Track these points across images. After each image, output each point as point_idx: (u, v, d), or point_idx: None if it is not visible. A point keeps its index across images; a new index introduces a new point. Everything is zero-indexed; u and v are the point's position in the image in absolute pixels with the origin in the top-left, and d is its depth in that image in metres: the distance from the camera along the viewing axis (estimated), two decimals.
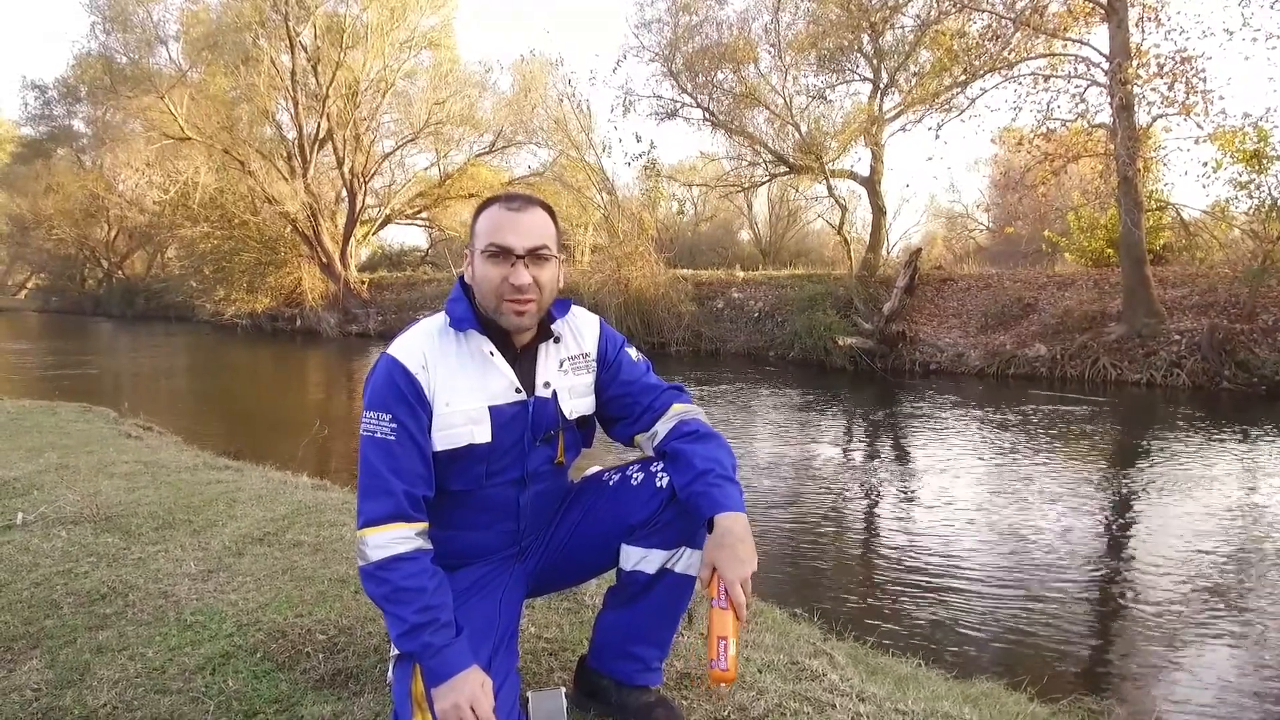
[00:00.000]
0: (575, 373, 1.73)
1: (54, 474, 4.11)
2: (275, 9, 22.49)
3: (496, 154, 27.21)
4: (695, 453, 1.63)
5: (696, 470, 1.60)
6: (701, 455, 1.62)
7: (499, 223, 1.58)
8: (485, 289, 1.59)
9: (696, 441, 1.66)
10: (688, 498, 1.60)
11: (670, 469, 1.67)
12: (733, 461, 1.65)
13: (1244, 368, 11.28)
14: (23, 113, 37.64)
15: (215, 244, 25.11)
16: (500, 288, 1.57)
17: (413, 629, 1.48)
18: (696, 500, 1.58)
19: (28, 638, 2.17)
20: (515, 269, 1.56)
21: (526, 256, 1.57)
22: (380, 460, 1.55)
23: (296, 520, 3.25)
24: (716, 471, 1.59)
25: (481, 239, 1.59)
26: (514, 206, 1.60)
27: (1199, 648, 3.76)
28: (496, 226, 1.58)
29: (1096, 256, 16.61)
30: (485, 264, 1.58)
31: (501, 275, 1.56)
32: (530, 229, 1.59)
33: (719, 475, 1.58)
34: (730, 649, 1.44)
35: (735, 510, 1.53)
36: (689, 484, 1.60)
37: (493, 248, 1.57)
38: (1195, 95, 11.95)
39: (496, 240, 1.57)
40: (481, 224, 1.61)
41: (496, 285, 1.57)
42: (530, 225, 1.59)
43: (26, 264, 45.72)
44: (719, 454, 1.64)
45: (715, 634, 1.45)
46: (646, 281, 17.38)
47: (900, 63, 17.16)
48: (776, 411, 10.70)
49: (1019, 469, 7.19)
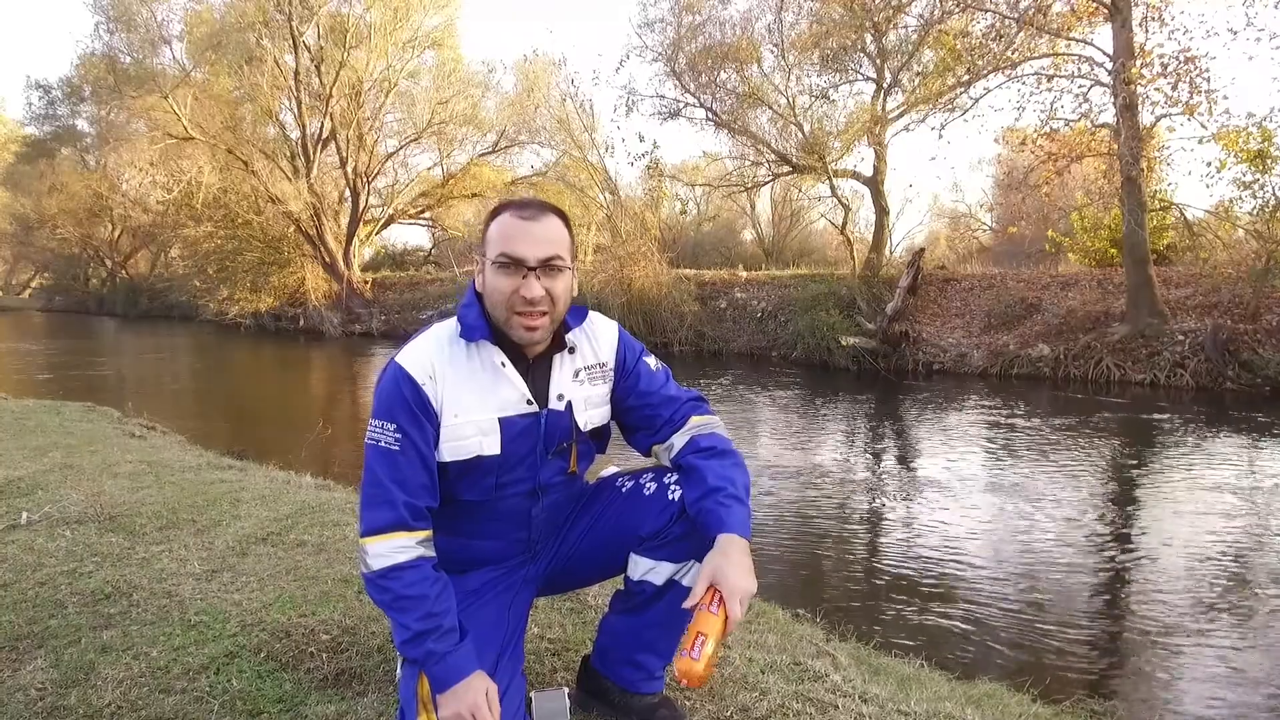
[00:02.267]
0: (591, 383, 1.69)
1: (58, 473, 4.12)
2: (279, 9, 22.50)
3: (499, 154, 27.21)
4: (709, 469, 1.61)
5: (708, 487, 1.58)
6: (715, 473, 1.60)
7: (510, 231, 1.53)
8: (495, 300, 1.55)
9: (712, 458, 1.64)
10: (696, 513, 1.59)
11: (683, 482, 1.65)
12: (745, 480, 1.62)
13: (1248, 368, 11.25)
14: (27, 112, 37.86)
15: (219, 243, 25.12)
16: (511, 300, 1.53)
17: (416, 636, 1.48)
18: (704, 517, 1.56)
19: (32, 637, 2.18)
20: (527, 281, 1.51)
21: (539, 268, 1.52)
22: (384, 470, 1.54)
23: (300, 520, 3.26)
24: (727, 490, 1.57)
25: (493, 248, 1.54)
26: (526, 215, 1.55)
27: (1203, 649, 3.75)
28: (508, 235, 1.53)
29: (1100, 256, 16.58)
30: (496, 274, 1.53)
31: (513, 287, 1.52)
32: (543, 238, 1.53)
33: (729, 494, 1.56)
34: (708, 647, 1.37)
35: (739, 533, 1.51)
36: (699, 500, 1.59)
37: (504, 258, 1.52)
38: (1199, 95, 11.91)
39: (508, 250, 1.52)
40: (493, 231, 1.56)
41: (507, 297, 1.53)
42: (543, 234, 1.54)
43: (31, 263, 45.86)
44: (732, 472, 1.61)
45: (696, 629, 1.39)
46: (649, 281, 17.36)
47: (904, 62, 17.14)
48: (779, 412, 10.69)
49: (1022, 470, 7.18)
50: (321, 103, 24.15)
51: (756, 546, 5.09)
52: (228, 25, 23.67)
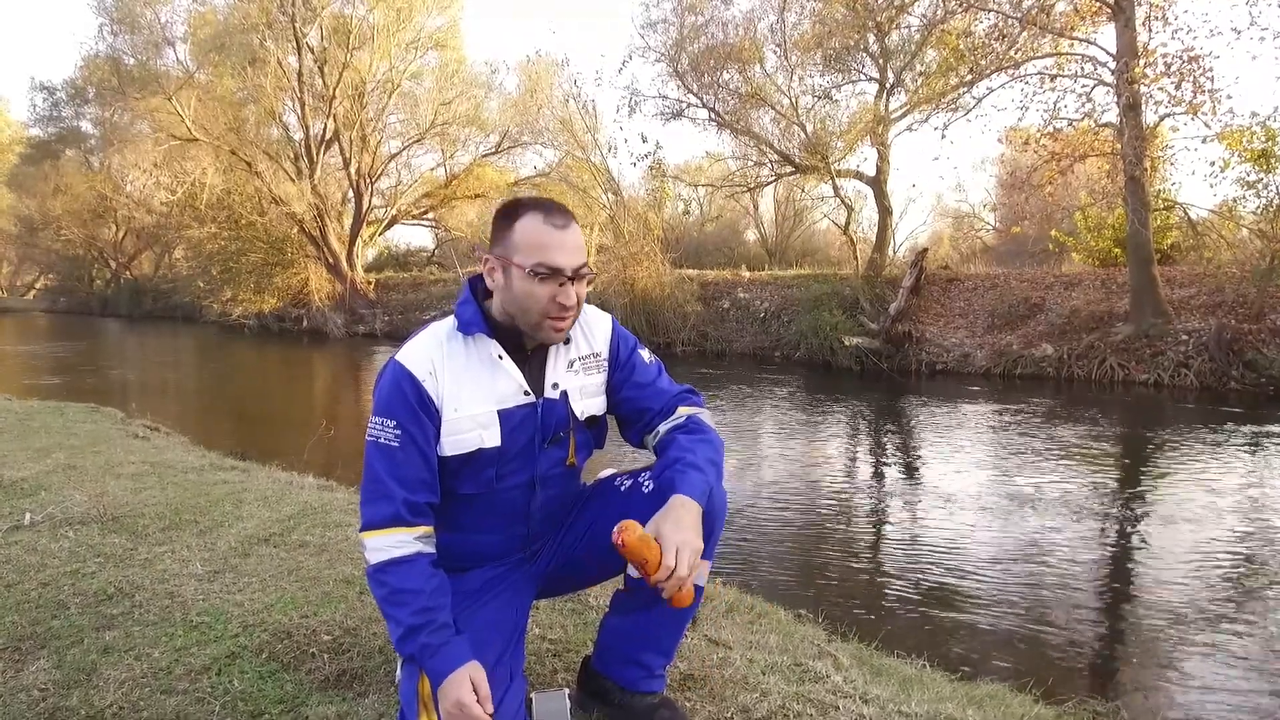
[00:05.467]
0: (586, 372, 1.73)
1: (61, 474, 4.13)
2: (282, 10, 22.56)
3: (502, 154, 27.28)
4: (676, 443, 1.67)
5: (670, 458, 1.63)
6: (680, 445, 1.65)
7: (546, 241, 1.54)
8: (529, 306, 1.56)
9: (682, 433, 1.70)
10: (660, 484, 1.62)
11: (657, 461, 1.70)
12: (710, 454, 1.64)
13: (1252, 367, 11.22)
14: (31, 114, 38.10)
15: (222, 244, 25.16)
16: (548, 307, 1.55)
17: (410, 630, 1.50)
18: (664, 485, 1.59)
19: (35, 638, 2.18)
20: (564, 289, 1.55)
21: (573, 275, 1.56)
22: (383, 466, 1.56)
23: (302, 521, 3.26)
24: (686, 459, 1.60)
25: (527, 256, 1.54)
26: (559, 223, 1.56)
27: (1206, 650, 3.74)
28: (543, 245, 1.54)
29: (1103, 256, 16.54)
30: (531, 283, 1.54)
31: (550, 295, 1.54)
32: (575, 246, 1.57)
33: (686, 463, 1.59)
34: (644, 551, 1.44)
35: (690, 496, 1.52)
36: (661, 471, 1.64)
37: (543, 269, 1.53)
38: (1203, 94, 11.88)
39: (547, 261, 1.53)
40: (524, 239, 1.55)
41: (544, 305, 1.55)
42: (575, 243, 1.57)
43: (35, 264, 45.95)
44: (697, 445, 1.65)
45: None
46: (652, 282, 17.36)
47: (906, 62, 17.13)
48: (782, 412, 10.68)
49: (1025, 470, 7.17)
50: (325, 104, 24.21)
51: (756, 545, 5.09)
52: (231, 26, 23.74)
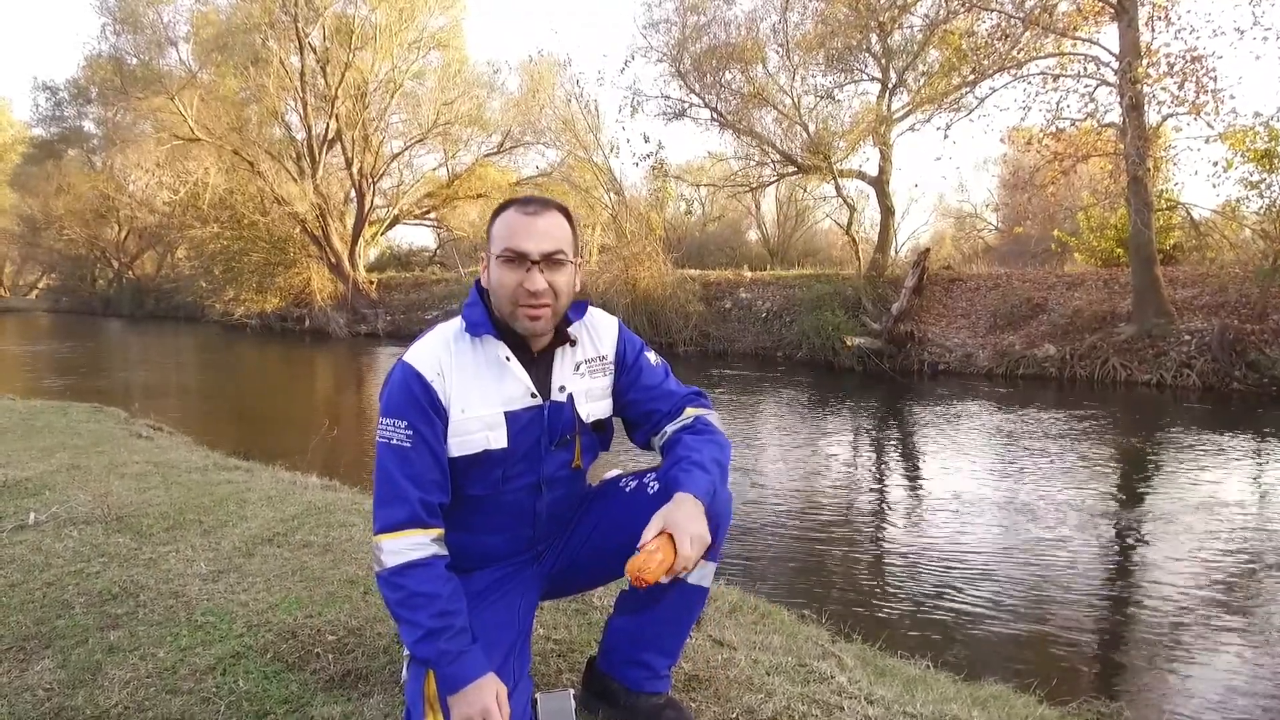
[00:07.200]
0: (592, 375, 1.73)
1: (65, 474, 4.13)
2: (284, 10, 22.58)
3: (504, 154, 27.28)
4: (682, 442, 1.67)
5: (676, 457, 1.64)
6: (685, 445, 1.66)
7: (514, 227, 1.58)
8: (501, 294, 1.59)
9: (689, 433, 1.70)
10: (665, 483, 1.62)
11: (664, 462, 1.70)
12: (715, 453, 1.64)
13: (1255, 368, 11.20)
14: (34, 114, 38.16)
15: (225, 244, 25.19)
16: (515, 293, 1.57)
17: (428, 634, 1.48)
18: (669, 484, 1.59)
19: (40, 637, 2.18)
20: (530, 274, 1.56)
21: (542, 262, 1.56)
22: (396, 467, 1.55)
23: (306, 521, 3.26)
24: (691, 458, 1.60)
25: (497, 244, 1.59)
26: (530, 210, 1.59)
27: (1209, 650, 3.74)
28: (512, 231, 1.58)
29: (1106, 256, 16.53)
30: (501, 269, 1.58)
31: (516, 280, 1.56)
32: (546, 233, 1.58)
33: (691, 461, 1.60)
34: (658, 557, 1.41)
35: (694, 494, 1.52)
36: (666, 470, 1.64)
37: (508, 253, 1.57)
38: (1205, 94, 11.88)
39: (512, 245, 1.56)
40: (497, 228, 1.61)
41: (512, 290, 1.57)
42: (546, 230, 1.58)
43: (37, 264, 46.03)
44: (702, 445, 1.65)
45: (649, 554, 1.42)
46: (654, 281, 17.35)
47: (909, 62, 17.11)
48: (784, 412, 10.68)
49: (1028, 471, 7.16)
50: (327, 104, 24.22)
51: (760, 546, 5.09)
52: (233, 26, 23.78)
